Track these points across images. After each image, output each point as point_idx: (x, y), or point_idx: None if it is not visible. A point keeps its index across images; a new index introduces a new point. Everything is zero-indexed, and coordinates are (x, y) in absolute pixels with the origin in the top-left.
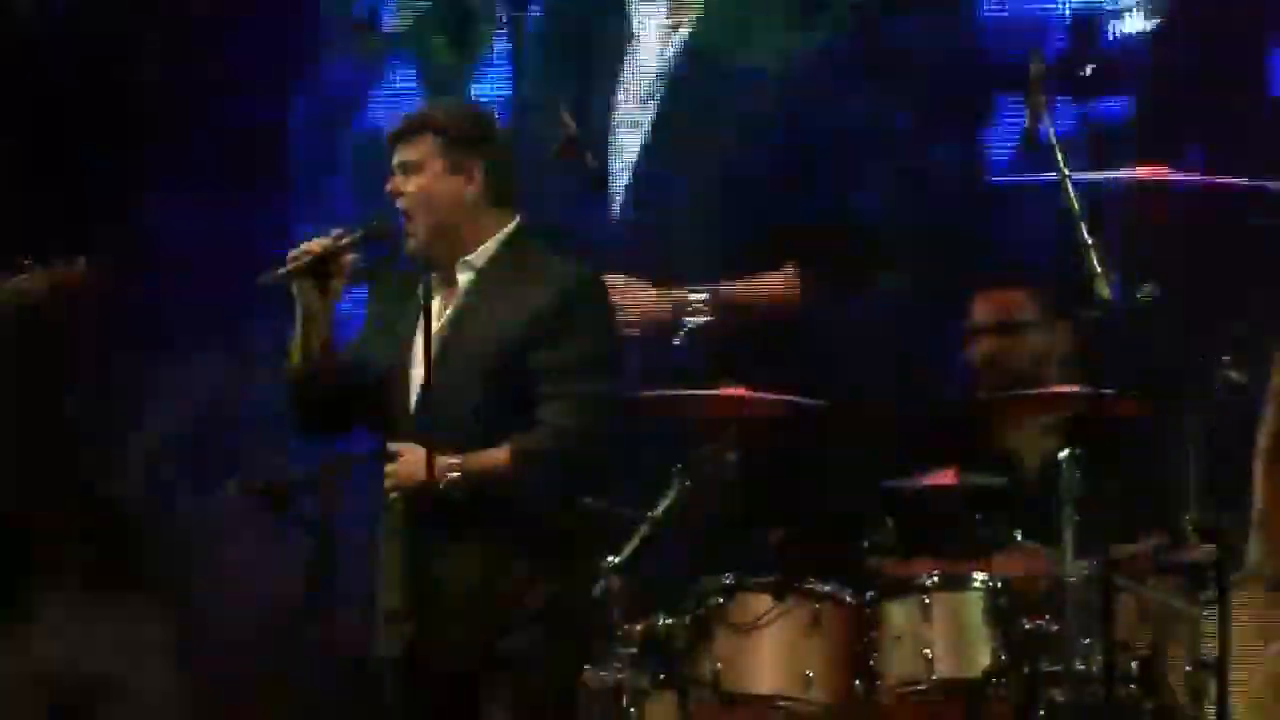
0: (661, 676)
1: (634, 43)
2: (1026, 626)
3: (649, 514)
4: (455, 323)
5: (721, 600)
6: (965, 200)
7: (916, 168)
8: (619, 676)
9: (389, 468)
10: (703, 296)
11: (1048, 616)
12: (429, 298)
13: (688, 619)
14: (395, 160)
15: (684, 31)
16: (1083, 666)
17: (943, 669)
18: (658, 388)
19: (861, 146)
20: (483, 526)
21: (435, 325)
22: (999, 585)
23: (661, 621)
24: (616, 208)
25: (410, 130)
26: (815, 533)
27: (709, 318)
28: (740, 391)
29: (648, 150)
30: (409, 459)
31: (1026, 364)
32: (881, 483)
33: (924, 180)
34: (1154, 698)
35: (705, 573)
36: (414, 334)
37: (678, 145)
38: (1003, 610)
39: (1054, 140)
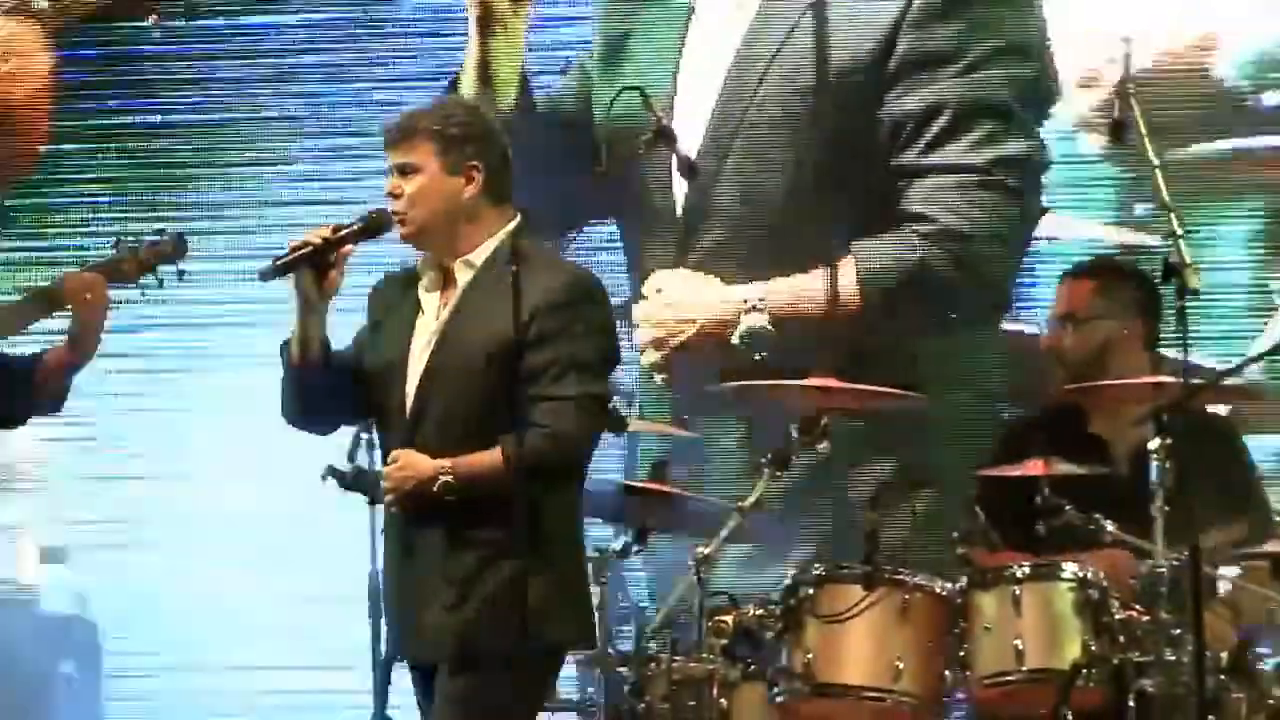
0: (751, 667)
1: (696, 18)
2: (1117, 617)
3: (738, 505)
4: (452, 320)
5: (811, 590)
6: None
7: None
8: (709, 667)
9: (385, 470)
10: (760, 296)
11: (1138, 607)
12: None
13: (778, 610)
14: (392, 162)
15: (749, 8)
16: (1173, 657)
17: (1033, 660)
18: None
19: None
20: (473, 528)
21: (433, 323)
22: (1089, 576)
23: (751, 612)
24: (680, 198)
25: (406, 132)
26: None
27: (766, 318)
28: (831, 382)
29: (712, 135)
30: (404, 462)
31: (1087, 356)
32: (972, 472)
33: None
34: (1244, 688)
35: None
36: (411, 331)
37: (739, 128)
38: (1093, 601)
39: (1143, 129)
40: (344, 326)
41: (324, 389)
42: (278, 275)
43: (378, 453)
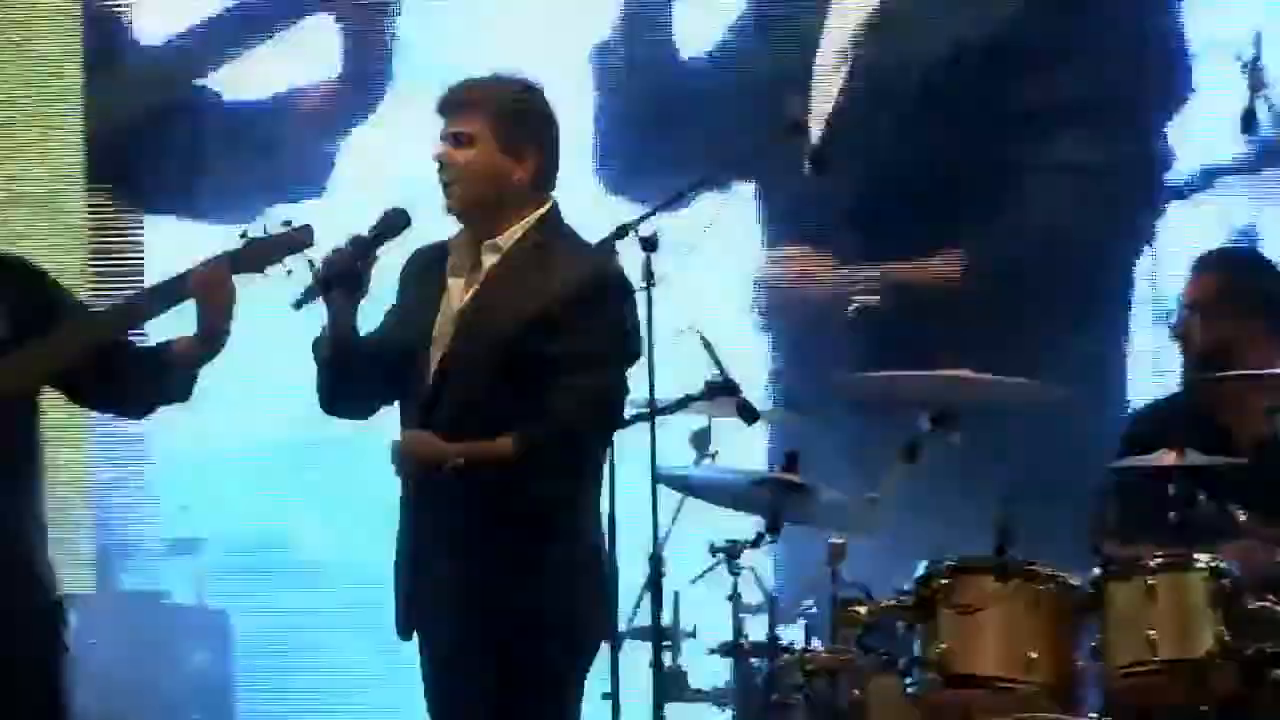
0: (884, 657)
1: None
2: (1250, 607)
3: (870, 495)
4: (474, 306)
5: (944, 581)
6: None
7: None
8: (843, 658)
9: (395, 450)
10: (874, 273)
11: (1271, 597)
12: None
13: (911, 600)
14: (447, 129)
15: None
16: None
17: (1166, 650)
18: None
19: (1048, 125)
20: (486, 517)
21: (457, 305)
22: (1222, 566)
23: (884, 603)
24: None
25: (467, 103)
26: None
27: (876, 296)
28: (964, 372)
29: (838, 117)
30: (414, 445)
31: (1209, 348)
32: (1106, 463)
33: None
34: None
35: (929, 554)
36: (435, 313)
37: (865, 115)
38: (1226, 591)
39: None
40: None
41: (356, 380)
42: (309, 301)
43: None
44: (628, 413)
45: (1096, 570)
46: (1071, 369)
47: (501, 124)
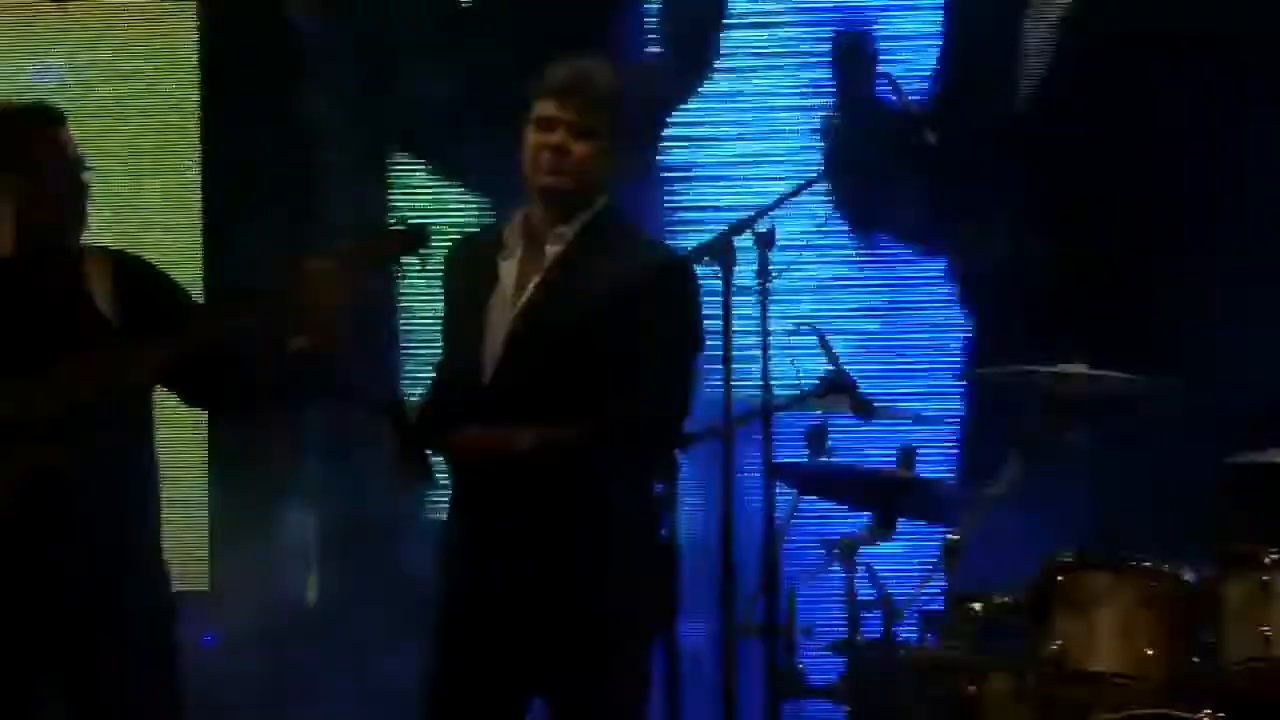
0: (1000, 654)
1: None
2: None
3: (986, 491)
4: (539, 295)
5: (1060, 578)
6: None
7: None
8: (958, 654)
9: (454, 440)
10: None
11: None
12: None
13: (1027, 597)
14: (566, 116)
15: None
16: None
17: None
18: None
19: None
20: (544, 507)
21: (514, 293)
22: None
23: (1000, 599)
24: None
25: (590, 92)
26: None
27: None
28: (1081, 368)
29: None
30: (475, 439)
31: None
32: (1222, 460)
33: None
34: None
35: (1045, 550)
36: (488, 303)
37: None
38: None
39: None
40: None
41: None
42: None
43: None
44: (741, 410)
45: (1211, 567)
46: (1212, 359)
47: (618, 118)
